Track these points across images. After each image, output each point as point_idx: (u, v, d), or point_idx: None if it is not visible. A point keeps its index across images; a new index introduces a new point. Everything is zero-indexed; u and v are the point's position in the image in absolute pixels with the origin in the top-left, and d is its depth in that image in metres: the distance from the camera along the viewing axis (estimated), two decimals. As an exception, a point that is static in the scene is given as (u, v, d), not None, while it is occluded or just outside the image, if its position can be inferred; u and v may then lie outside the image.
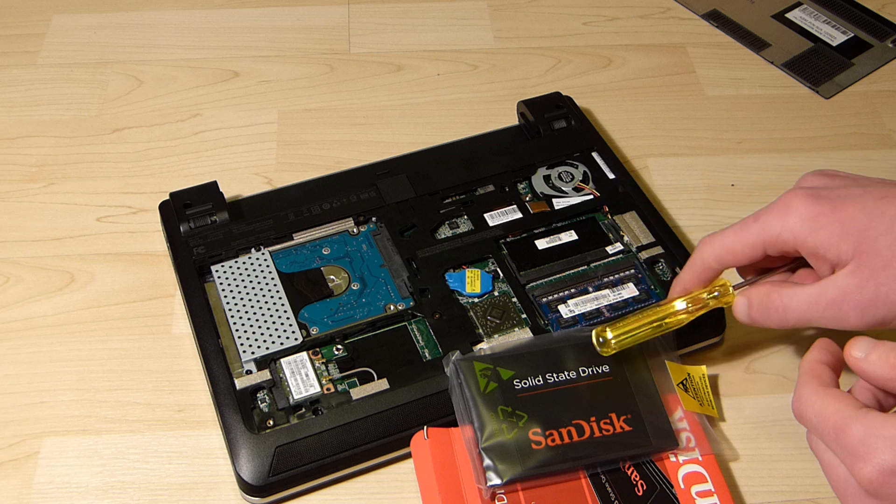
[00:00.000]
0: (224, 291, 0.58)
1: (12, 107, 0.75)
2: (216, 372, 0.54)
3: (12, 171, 0.70)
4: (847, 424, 0.44)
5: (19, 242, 0.65)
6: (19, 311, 0.61)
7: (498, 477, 0.49)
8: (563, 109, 0.69)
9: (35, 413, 0.56)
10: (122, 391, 0.57)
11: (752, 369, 0.59)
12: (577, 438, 0.51)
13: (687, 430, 0.53)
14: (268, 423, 0.52)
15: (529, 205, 0.64)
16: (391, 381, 0.54)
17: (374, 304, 0.58)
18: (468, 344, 0.56)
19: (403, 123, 0.74)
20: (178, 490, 0.53)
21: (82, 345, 0.59)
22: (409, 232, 0.62)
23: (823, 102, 0.76)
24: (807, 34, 0.82)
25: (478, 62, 0.79)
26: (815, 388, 0.47)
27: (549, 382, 0.53)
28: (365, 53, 0.80)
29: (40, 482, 0.53)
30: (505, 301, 0.58)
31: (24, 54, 0.79)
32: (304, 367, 0.55)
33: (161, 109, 0.74)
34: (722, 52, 0.80)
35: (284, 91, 0.76)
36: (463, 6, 0.84)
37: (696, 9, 0.85)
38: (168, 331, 0.60)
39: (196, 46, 0.80)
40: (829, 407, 0.45)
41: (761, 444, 0.55)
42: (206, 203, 0.62)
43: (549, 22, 0.83)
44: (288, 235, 0.61)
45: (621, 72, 0.79)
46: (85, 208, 0.67)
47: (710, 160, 0.71)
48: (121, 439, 0.55)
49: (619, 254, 0.61)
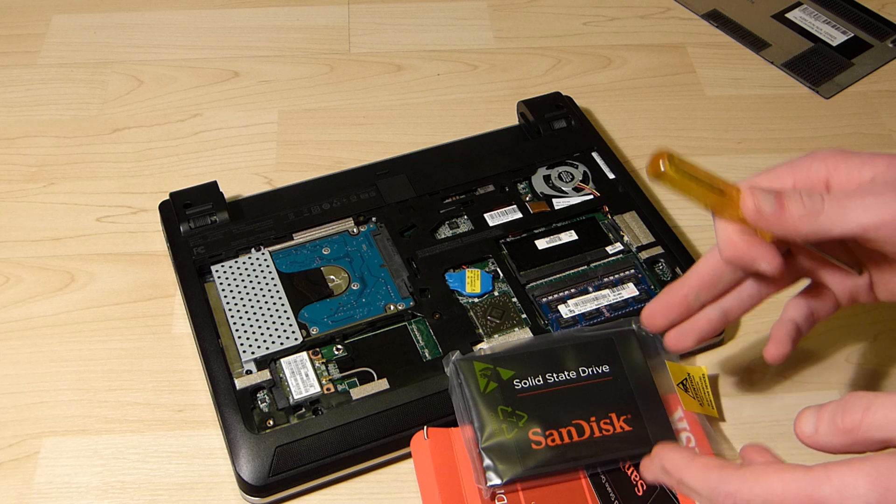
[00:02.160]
0: (224, 291, 0.58)
1: (12, 107, 0.75)
2: (216, 372, 0.54)
3: (12, 171, 0.70)
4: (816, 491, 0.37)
5: (19, 242, 0.65)
6: (19, 311, 0.61)
7: (498, 477, 0.49)
8: (563, 109, 0.69)
9: (35, 413, 0.56)
10: (122, 391, 0.57)
11: (752, 369, 0.59)
12: (577, 438, 0.51)
13: (687, 430, 0.53)
14: (268, 423, 0.52)
15: (529, 205, 0.64)
16: (391, 381, 0.54)
17: (374, 304, 0.58)
18: (468, 344, 0.56)
19: (403, 123, 0.74)
20: (178, 490, 0.53)
21: (82, 345, 0.59)
22: (409, 232, 0.62)
23: (823, 102, 0.76)
24: (807, 34, 0.82)
25: (478, 62, 0.79)
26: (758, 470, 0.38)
27: (549, 382, 0.53)
28: (365, 53, 0.80)
29: (40, 482, 0.53)
30: (505, 301, 0.58)
31: (24, 54, 0.79)
32: (304, 367, 0.55)
33: (161, 109, 0.74)
34: (722, 52, 0.80)
35: (284, 91, 0.76)
36: (463, 6, 0.84)
37: (696, 9, 0.85)
38: (168, 331, 0.60)
39: (196, 46, 0.80)
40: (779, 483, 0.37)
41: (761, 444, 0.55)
42: (206, 203, 0.62)
43: (549, 22, 0.83)
44: (288, 235, 0.61)
45: (621, 72, 0.79)
46: (85, 208, 0.67)
47: (710, 160, 0.71)
48: (121, 439, 0.55)
49: (619, 254, 0.61)
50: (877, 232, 0.40)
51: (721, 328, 0.49)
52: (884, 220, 0.40)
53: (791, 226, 0.41)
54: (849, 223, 0.41)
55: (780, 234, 0.42)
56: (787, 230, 0.42)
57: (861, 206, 0.41)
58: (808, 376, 0.58)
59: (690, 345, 0.49)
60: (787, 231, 0.42)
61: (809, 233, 0.41)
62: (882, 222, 0.40)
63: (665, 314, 0.48)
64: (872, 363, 0.59)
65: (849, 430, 0.37)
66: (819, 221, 0.41)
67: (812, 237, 0.42)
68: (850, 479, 0.35)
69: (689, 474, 0.39)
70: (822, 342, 0.60)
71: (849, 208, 0.41)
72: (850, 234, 0.41)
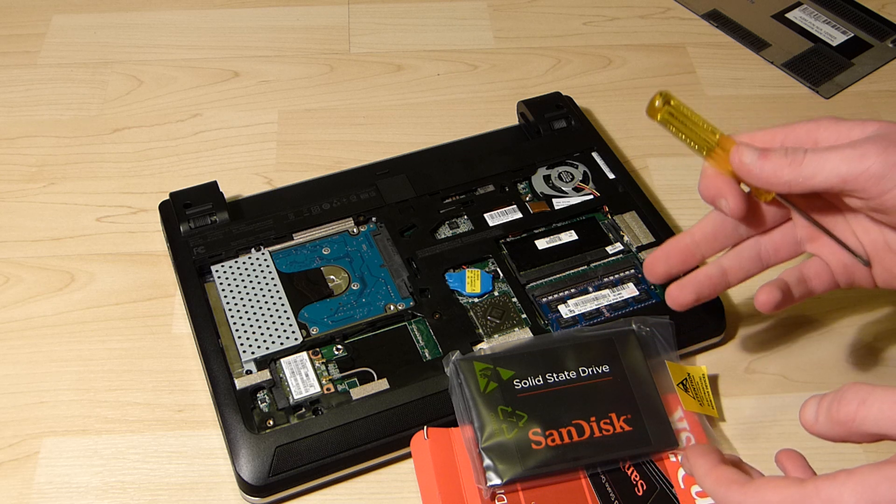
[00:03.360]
0: (224, 291, 0.58)
1: (12, 107, 0.75)
2: (216, 372, 0.54)
3: (12, 171, 0.70)
4: None
5: (19, 242, 0.65)
6: (19, 311, 0.61)
7: (498, 477, 0.49)
8: (563, 109, 0.69)
9: (35, 413, 0.56)
10: (122, 391, 0.57)
11: (752, 369, 0.59)
12: (577, 438, 0.51)
13: (687, 430, 0.53)
14: (268, 423, 0.52)
15: (529, 205, 0.64)
16: (391, 381, 0.54)
17: (374, 304, 0.58)
18: (468, 344, 0.56)
19: (403, 123, 0.74)
20: (178, 490, 0.53)
21: (82, 345, 0.59)
22: (409, 232, 0.62)
23: (823, 102, 0.76)
24: (807, 34, 0.82)
25: (478, 62, 0.79)
26: (759, 484, 0.40)
27: (549, 382, 0.53)
28: (365, 53, 0.80)
29: (40, 482, 0.53)
30: (505, 301, 0.58)
31: (24, 54, 0.79)
32: (304, 367, 0.55)
33: (161, 109, 0.74)
34: (722, 52, 0.80)
35: (284, 91, 0.76)
36: (463, 6, 0.84)
37: (696, 9, 0.85)
38: (168, 331, 0.60)
39: (196, 46, 0.80)
40: (775, 498, 0.38)
41: (761, 444, 0.55)
42: (206, 203, 0.62)
43: (549, 22, 0.83)
44: (288, 235, 0.61)
45: (621, 72, 0.79)
46: (85, 208, 0.67)
47: (710, 160, 0.71)
48: (121, 439, 0.55)
49: (619, 254, 0.61)
50: (855, 182, 0.42)
51: (720, 288, 0.51)
52: (861, 170, 0.42)
53: (772, 173, 0.44)
54: (828, 173, 0.43)
55: (762, 184, 0.45)
56: (769, 179, 0.44)
57: (840, 157, 0.43)
58: (808, 376, 0.58)
59: (690, 300, 0.51)
60: (768, 180, 0.45)
61: (790, 180, 0.44)
62: (860, 173, 0.42)
63: (665, 262, 0.52)
64: (872, 363, 0.59)
65: (843, 422, 0.39)
66: (799, 170, 0.44)
67: (794, 186, 0.44)
68: (838, 493, 0.37)
69: (706, 483, 0.42)
70: (822, 342, 0.60)
71: (828, 160, 0.43)
72: (830, 185, 0.43)
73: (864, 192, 0.43)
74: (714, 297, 0.52)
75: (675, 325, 0.55)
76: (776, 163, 0.44)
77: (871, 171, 0.42)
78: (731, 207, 0.47)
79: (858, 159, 0.42)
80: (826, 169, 0.43)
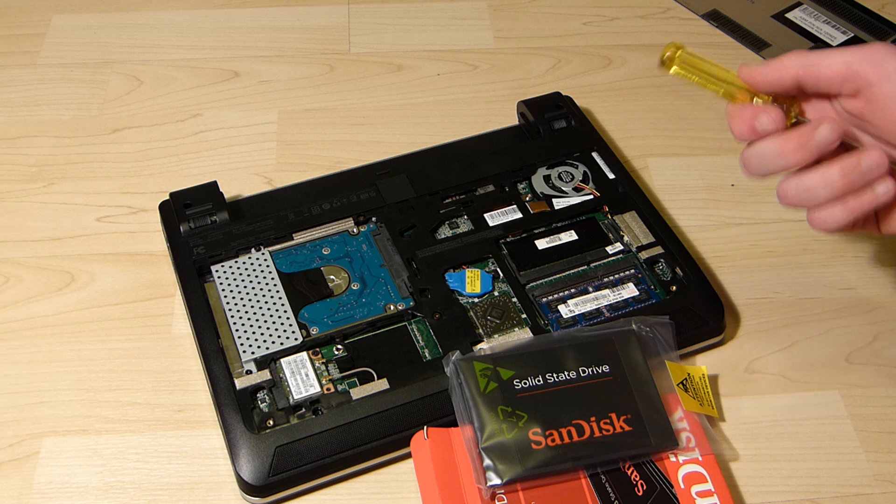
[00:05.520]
0: (224, 291, 0.58)
1: (12, 107, 0.75)
2: (216, 372, 0.54)
3: (12, 171, 0.70)
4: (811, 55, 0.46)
5: (19, 242, 0.65)
6: (19, 311, 0.61)
7: (498, 477, 0.49)
8: (563, 109, 0.69)
9: (35, 413, 0.56)
10: (122, 391, 0.57)
11: (752, 369, 0.59)
12: (577, 438, 0.51)
13: (687, 430, 0.53)
14: (268, 423, 0.52)
15: (529, 205, 0.64)
16: (391, 381, 0.54)
17: (374, 304, 0.58)
18: (468, 344, 0.56)
19: (403, 123, 0.74)
20: (178, 490, 0.53)
21: (82, 345, 0.59)
22: (409, 232, 0.62)
23: (823, 102, 0.76)
24: (807, 34, 0.82)
25: (478, 62, 0.79)
26: None
27: (549, 382, 0.53)
28: (365, 53, 0.80)
29: (40, 482, 0.53)
30: (505, 301, 0.58)
31: (24, 54, 0.79)
32: (304, 367, 0.55)
33: (161, 109, 0.74)
34: (722, 52, 0.80)
35: (284, 91, 0.76)
36: (463, 6, 0.84)
37: (696, 9, 0.85)
38: (168, 331, 0.60)
39: (196, 46, 0.80)
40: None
41: (761, 444, 0.55)
42: (206, 203, 0.62)
43: (549, 22, 0.83)
44: (288, 235, 0.61)
45: (621, 72, 0.79)
46: (85, 208, 0.67)
47: (710, 160, 0.71)
48: (121, 439, 0.55)
49: (619, 254, 0.61)
50: (859, 66, 0.47)
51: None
52: (864, 56, 0.47)
53: (780, 65, 0.49)
54: (834, 58, 0.48)
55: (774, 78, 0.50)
56: (781, 73, 0.49)
57: (845, 50, 0.48)
58: (808, 376, 0.58)
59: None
60: (781, 74, 0.49)
61: (800, 68, 0.49)
62: (862, 58, 0.47)
63: None
64: (872, 363, 0.59)
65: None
66: (808, 59, 0.49)
67: (804, 73, 0.49)
68: None
69: None
70: (822, 342, 0.60)
71: (835, 53, 0.48)
72: (836, 71, 0.48)
73: (868, 74, 0.47)
74: None
75: (675, 325, 0.56)
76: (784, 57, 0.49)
77: (873, 55, 0.47)
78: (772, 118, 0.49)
79: (861, 50, 0.47)
80: (833, 56, 0.48)
